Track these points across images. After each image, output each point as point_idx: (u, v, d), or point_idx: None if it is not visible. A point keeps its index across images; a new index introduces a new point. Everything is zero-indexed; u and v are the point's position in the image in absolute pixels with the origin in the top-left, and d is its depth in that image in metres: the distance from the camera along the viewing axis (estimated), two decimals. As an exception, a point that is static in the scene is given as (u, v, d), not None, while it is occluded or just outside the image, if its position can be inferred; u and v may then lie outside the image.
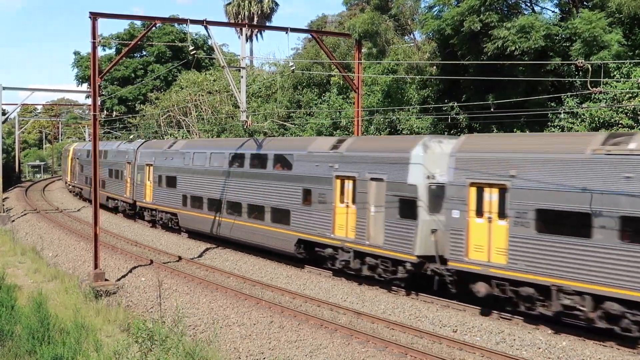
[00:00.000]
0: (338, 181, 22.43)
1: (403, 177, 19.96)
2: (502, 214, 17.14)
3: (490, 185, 17.44)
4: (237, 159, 28.33)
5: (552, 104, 24.30)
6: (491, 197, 17.46)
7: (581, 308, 15.51)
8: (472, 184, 17.83)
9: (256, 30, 73.01)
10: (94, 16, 23.01)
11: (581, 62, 19.21)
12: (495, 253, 17.25)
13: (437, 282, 19.44)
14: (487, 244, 17.45)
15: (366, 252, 21.21)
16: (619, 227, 14.66)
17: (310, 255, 24.16)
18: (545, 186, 16.06)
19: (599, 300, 15.25)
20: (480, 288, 17.75)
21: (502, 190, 17.10)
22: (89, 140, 69.65)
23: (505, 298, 17.34)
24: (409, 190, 19.69)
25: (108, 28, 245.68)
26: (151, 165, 36.27)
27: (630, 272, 14.46)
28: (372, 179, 21.02)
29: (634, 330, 14.90)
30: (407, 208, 19.72)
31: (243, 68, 26.12)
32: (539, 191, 16.16)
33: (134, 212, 39.99)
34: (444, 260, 18.77)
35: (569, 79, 24.57)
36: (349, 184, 22.06)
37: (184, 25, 33.29)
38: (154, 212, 36.25)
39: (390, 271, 20.44)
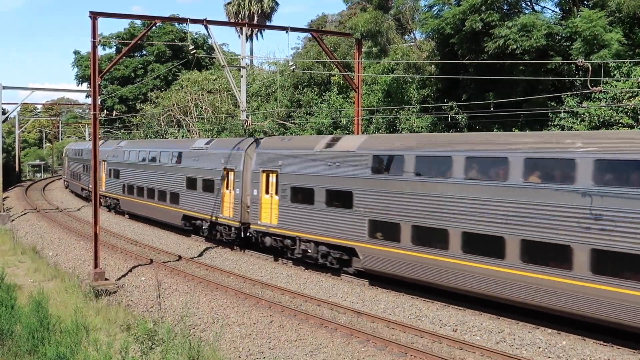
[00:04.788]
0: None
1: None
2: None
3: None
4: (499, 165, 17.38)
5: (552, 104, 24.31)
6: None
7: None
8: None
9: (256, 29, 73.04)
10: (94, 15, 23.01)
11: (581, 62, 19.21)
12: None
13: None
14: None
15: None
16: None
17: None
18: None
19: None
20: None
21: None
22: (141, 136, 58.95)
23: None
24: None
25: (108, 27, 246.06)
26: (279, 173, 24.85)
27: None
28: None
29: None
30: None
31: (243, 67, 26.09)
32: None
33: (237, 236, 27.98)
34: None
35: (569, 78, 24.58)
36: None
37: (184, 24, 33.27)
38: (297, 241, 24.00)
39: None
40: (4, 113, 53.48)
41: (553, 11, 28.37)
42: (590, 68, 19.25)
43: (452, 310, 18.70)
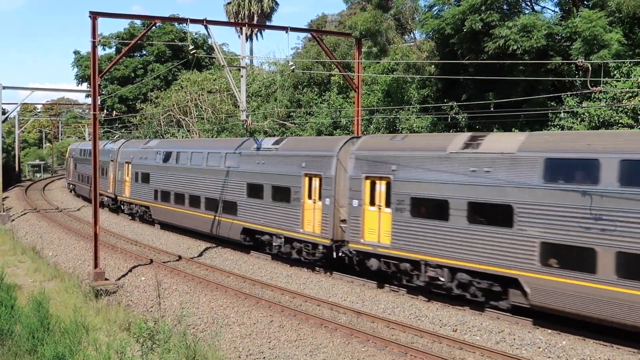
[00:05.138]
0: None
1: None
2: None
3: None
4: None
5: (552, 104, 24.32)
6: None
7: None
8: None
9: (256, 29, 73.07)
10: (94, 15, 23.02)
11: (581, 62, 19.21)
12: None
13: None
14: None
15: None
16: None
17: None
18: None
19: None
20: None
21: None
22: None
23: None
24: None
25: (108, 27, 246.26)
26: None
27: None
28: None
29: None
30: None
31: (243, 67, 26.11)
32: None
33: (324, 256, 23.04)
34: None
35: (569, 78, 24.59)
36: None
37: (184, 24, 33.19)
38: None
39: None
40: (4, 113, 53.46)
41: (553, 11, 28.42)
42: (590, 68, 19.24)
43: (452, 310, 18.70)
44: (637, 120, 22.13)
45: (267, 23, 69.94)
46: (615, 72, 22.93)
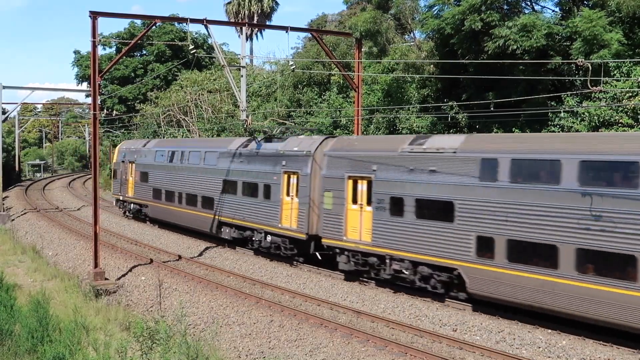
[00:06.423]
0: None
1: None
2: None
3: None
4: None
5: (552, 103, 24.32)
6: None
7: None
8: None
9: (256, 29, 73.06)
10: (94, 15, 23.04)
11: (581, 61, 19.20)
12: None
13: None
14: None
15: None
16: None
17: None
18: None
19: None
20: None
21: None
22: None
23: None
24: None
25: (108, 27, 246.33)
26: None
27: None
28: None
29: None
30: None
31: (243, 67, 26.09)
32: None
33: None
34: None
35: (569, 78, 24.59)
36: None
37: (184, 24, 33.21)
38: None
39: None
40: (4, 113, 53.48)
41: (553, 11, 28.41)
42: (590, 68, 19.24)
43: (452, 310, 18.69)
44: (637, 120, 22.13)
45: (267, 23, 70.00)
46: (615, 72, 22.93)
